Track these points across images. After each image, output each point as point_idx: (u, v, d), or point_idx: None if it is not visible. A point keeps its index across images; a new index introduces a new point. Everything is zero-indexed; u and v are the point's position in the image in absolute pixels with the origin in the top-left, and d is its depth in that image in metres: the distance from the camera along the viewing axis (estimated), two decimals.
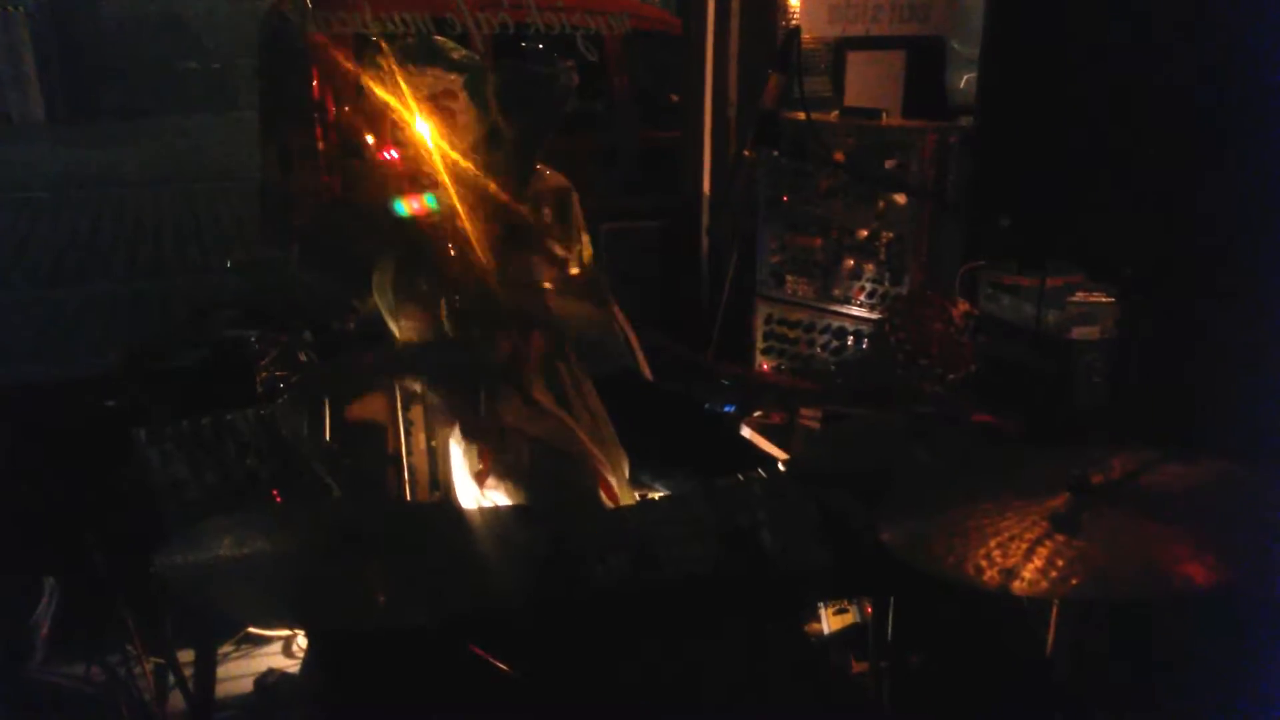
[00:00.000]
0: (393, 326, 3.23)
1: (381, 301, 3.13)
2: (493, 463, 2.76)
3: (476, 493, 2.88)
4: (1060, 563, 1.56)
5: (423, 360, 2.80)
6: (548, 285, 2.92)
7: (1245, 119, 2.55)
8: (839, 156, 3.25)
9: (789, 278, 3.55)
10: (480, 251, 2.77)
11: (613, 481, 2.86)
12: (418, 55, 2.66)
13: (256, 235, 8.39)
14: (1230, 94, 2.58)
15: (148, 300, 7.54)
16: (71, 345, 6.67)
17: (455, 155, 2.68)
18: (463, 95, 2.65)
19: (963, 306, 2.87)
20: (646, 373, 3.15)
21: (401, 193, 2.64)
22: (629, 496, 2.82)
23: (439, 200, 2.69)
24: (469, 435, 2.77)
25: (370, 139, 2.62)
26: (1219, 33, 2.60)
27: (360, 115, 2.60)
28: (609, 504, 2.79)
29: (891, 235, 3.26)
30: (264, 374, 3.08)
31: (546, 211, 2.90)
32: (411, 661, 1.90)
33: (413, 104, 2.60)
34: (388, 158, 2.62)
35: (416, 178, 2.65)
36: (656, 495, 2.89)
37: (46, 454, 3.28)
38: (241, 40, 15.99)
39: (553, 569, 2.05)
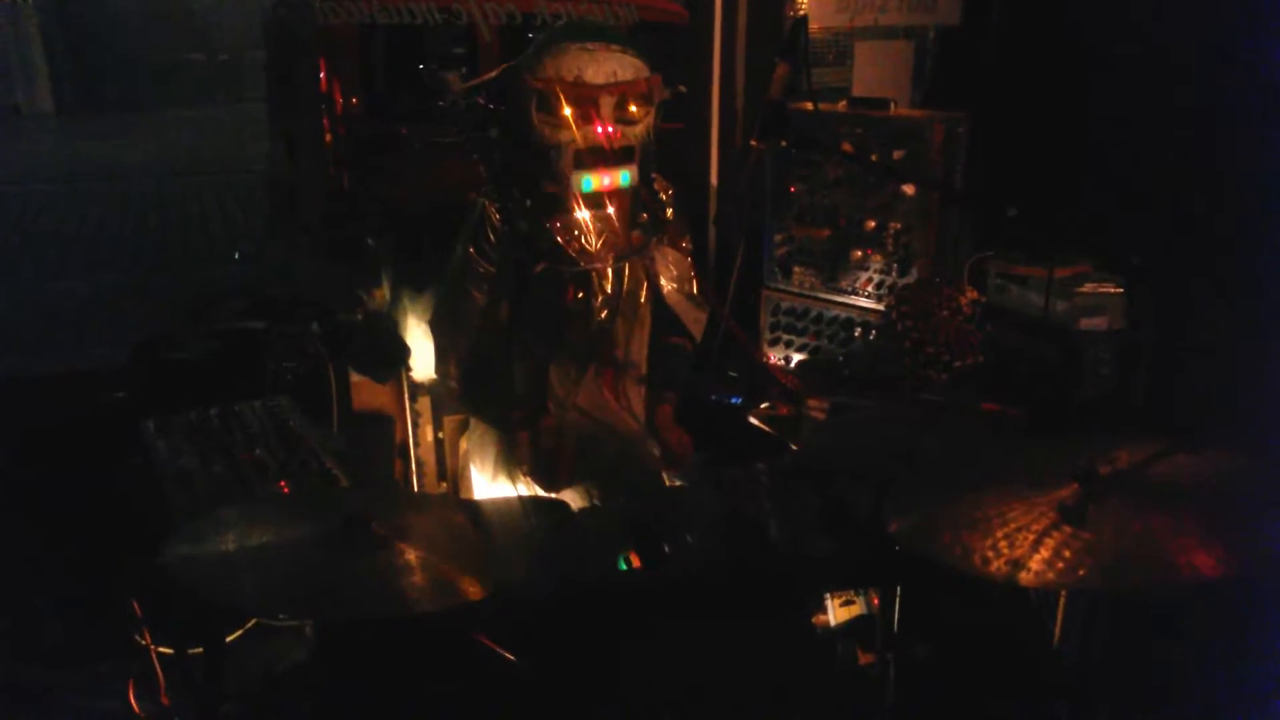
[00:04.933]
0: (412, 316, 3.23)
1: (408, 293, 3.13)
2: (546, 440, 2.75)
3: (498, 484, 2.88)
4: (1067, 554, 1.56)
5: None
6: (668, 286, 2.92)
7: (1253, 108, 2.54)
8: (846, 147, 3.24)
9: (796, 269, 3.54)
10: (621, 234, 2.76)
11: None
12: (590, 33, 2.63)
13: (264, 227, 8.40)
14: (1238, 84, 2.57)
15: (155, 292, 7.55)
16: (79, 337, 6.69)
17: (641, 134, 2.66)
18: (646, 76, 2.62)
19: (970, 294, 2.87)
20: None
21: (592, 167, 2.59)
22: None
23: (630, 176, 2.66)
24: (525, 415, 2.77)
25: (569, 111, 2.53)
26: (1227, 25, 2.59)
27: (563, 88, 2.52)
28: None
29: (899, 226, 3.26)
30: (271, 365, 3.09)
31: (669, 212, 2.90)
32: (419, 652, 1.90)
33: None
34: (606, 131, 2.57)
35: (620, 153, 2.61)
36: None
37: (55, 445, 3.30)
38: (249, 32, 16.01)
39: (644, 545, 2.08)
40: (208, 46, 20.07)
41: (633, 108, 2.59)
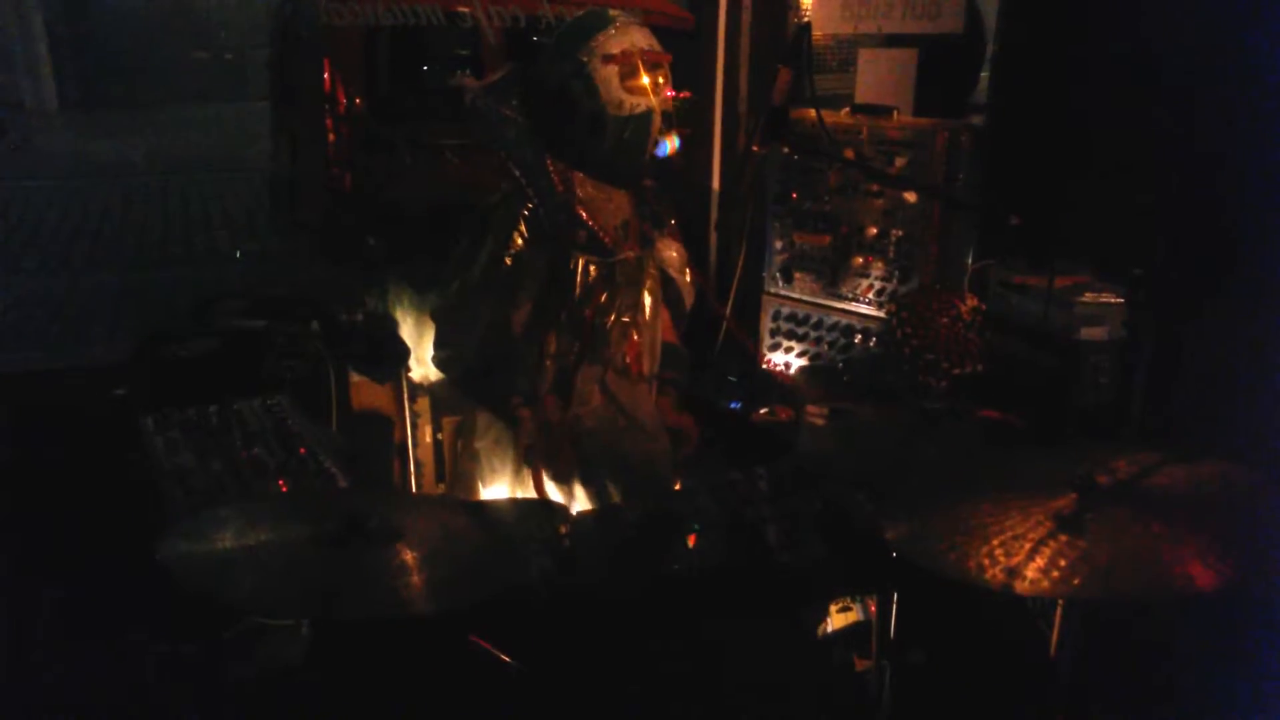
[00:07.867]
0: (412, 317, 3.23)
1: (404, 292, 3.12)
2: (572, 424, 2.76)
3: (520, 484, 2.86)
4: (1063, 563, 1.56)
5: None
6: (671, 269, 2.97)
7: (1255, 117, 2.54)
8: (849, 154, 3.24)
9: (797, 275, 3.54)
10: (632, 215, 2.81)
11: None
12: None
13: (266, 226, 8.41)
14: (1239, 93, 2.57)
15: (157, 289, 7.56)
16: (80, 333, 6.69)
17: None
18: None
19: (971, 302, 2.87)
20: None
21: (664, 133, 2.69)
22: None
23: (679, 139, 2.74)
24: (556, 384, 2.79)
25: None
26: (1227, 32, 2.59)
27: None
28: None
29: (901, 233, 3.26)
30: (271, 364, 3.09)
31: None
32: (415, 652, 1.91)
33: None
34: (675, 93, 2.70)
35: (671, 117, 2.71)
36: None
37: (54, 440, 3.30)
38: (253, 30, 16.03)
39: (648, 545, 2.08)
40: (212, 44, 20.05)
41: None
